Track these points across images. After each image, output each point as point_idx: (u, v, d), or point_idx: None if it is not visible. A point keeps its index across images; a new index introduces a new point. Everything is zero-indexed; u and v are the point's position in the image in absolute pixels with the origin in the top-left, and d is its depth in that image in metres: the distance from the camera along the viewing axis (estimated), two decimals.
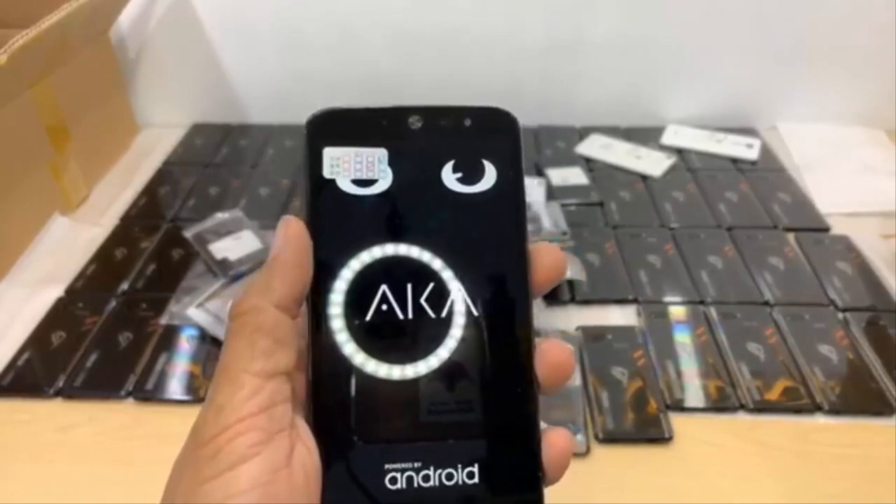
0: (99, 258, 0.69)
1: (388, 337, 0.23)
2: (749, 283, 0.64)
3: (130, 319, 0.61)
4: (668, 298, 0.63)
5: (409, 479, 0.22)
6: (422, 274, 0.24)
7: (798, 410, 0.52)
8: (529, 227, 0.64)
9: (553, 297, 0.62)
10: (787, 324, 0.59)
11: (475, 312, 0.24)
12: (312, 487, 0.21)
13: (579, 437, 0.50)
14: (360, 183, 0.24)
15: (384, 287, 0.23)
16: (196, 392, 0.54)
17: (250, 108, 0.94)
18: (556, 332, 0.58)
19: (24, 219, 0.71)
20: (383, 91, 0.90)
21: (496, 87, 0.90)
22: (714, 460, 0.50)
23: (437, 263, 0.24)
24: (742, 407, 0.53)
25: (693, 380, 0.55)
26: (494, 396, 0.23)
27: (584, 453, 0.49)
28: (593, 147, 0.86)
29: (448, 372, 0.23)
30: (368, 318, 0.23)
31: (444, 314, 0.23)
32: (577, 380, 0.54)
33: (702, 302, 0.62)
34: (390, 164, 0.24)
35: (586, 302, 0.63)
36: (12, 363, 0.57)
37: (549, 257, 0.24)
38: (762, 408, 0.52)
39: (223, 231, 0.69)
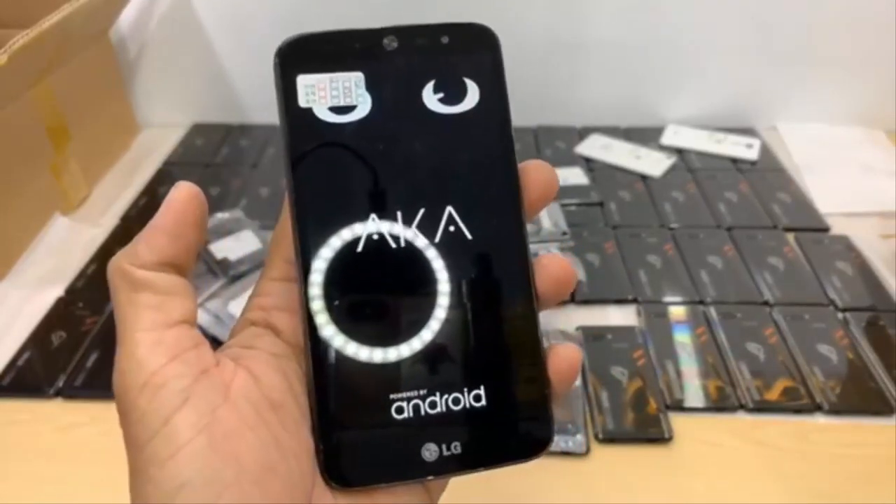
0: (99, 258, 0.69)
1: (384, 265, 0.23)
2: (749, 283, 0.64)
3: None
4: (667, 298, 0.63)
5: (416, 406, 0.22)
6: (411, 201, 0.23)
7: (798, 410, 0.52)
8: (529, 227, 0.65)
9: None
10: (786, 324, 0.59)
11: (469, 235, 0.23)
12: (267, 416, 0.20)
13: (579, 436, 0.50)
14: (338, 110, 0.23)
15: (374, 216, 0.23)
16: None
17: (251, 108, 0.94)
18: (556, 331, 0.58)
19: (24, 219, 0.71)
20: None
21: None
22: (714, 460, 0.50)
23: (426, 189, 0.23)
24: (742, 407, 0.53)
25: (693, 380, 0.55)
26: (496, 316, 0.23)
27: (584, 453, 0.49)
28: (593, 147, 0.86)
29: (448, 296, 0.23)
30: (360, 248, 0.22)
31: (437, 239, 0.23)
32: (576, 380, 0.54)
33: (701, 302, 0.62)
34: (368, 88, 0.23)
35: (586, 302, 0.63)
36: (12, 363, 0.57)
37: (540, 174, 0.24)
38: (762, 408, 0.52)
39: (223, 231, 0.69)
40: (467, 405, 0.22)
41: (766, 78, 0.88)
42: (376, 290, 0.23)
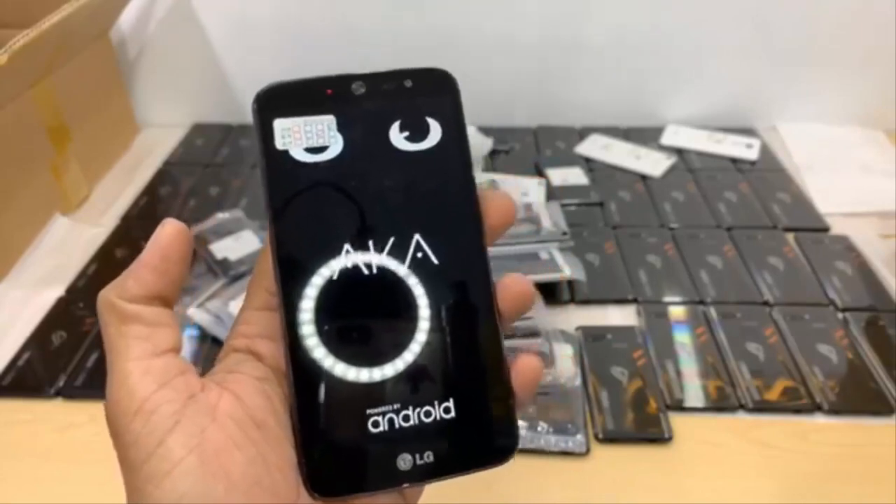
0: (100, 258, 0.69)
1: (359, 292, 0.24)
2: (749, 282, 0.64)
3: None
4: (667, 298, 0.63)
5: (391, 420, 0.23)
6: (382, 231, 0.25)
7: (797, 410, 0.53)
8: (529, 227, 0.65)
9: (553, 297, 0.62)
10: (786, 324, 0.59)
11: (435, 260, 0.25)
12: (252, 434, 0.22)
13: (579, 436, 0.50)
14: (312, 150, 0.25)
15: (347, 247, 0.24)
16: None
17: (251, 108, 0.94)
18: (556, 331, 0.58)
19: (24, 219, 0.71)
20: None
21: (496, 87, 0.90)
22: (714, 460, 0.50)
23: (393, 219, 0.25)
24: (742, 407, 0.53)
25: (693, 380, 0.55)
26: (462, 334, 0.25)
27: (584, 453, 0.49)
28: (593, 147, 0.86)
29: (418, 317, 0.24)
30: (335, 276, 0.24)
31: (407, 265, 0.25)
32: (576, 379, 0.54)
33: (701, 302, 0.62)
34: (339, 129, 0.25)
35: (586, 302, 0.63)
36: (13, 363, 0.57)
37: (498, 202, 0.26)
38: (762, 407, 0.53)
39: (223, 231, 0.69)
40: (438, 417, 0.24)
41: (766, 78, 0.89)
42: (352, 315, 0.24)
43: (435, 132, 0.26)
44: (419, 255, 0.25)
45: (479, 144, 0.79)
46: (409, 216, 0.25)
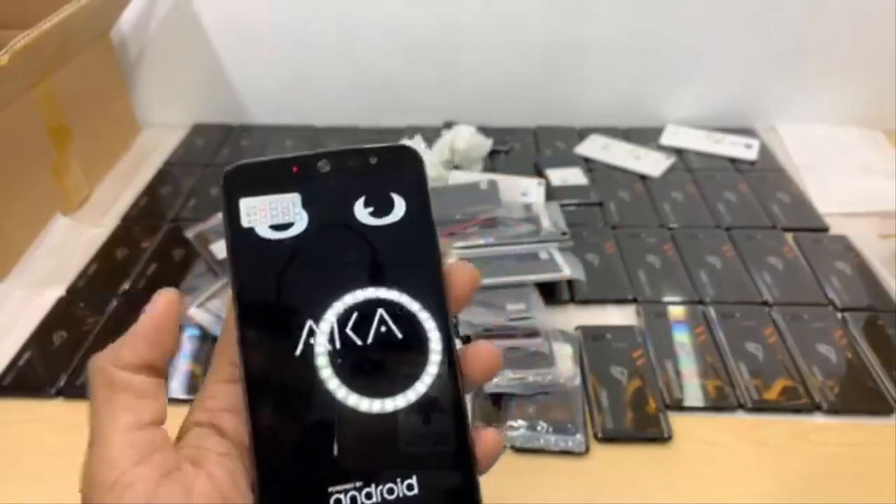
0: (100, 258, 0.69)
1: (318, 370, 0.24)
2: (748, 282, 0.64)
3: (132, 319, 0.60)
4: (667, 298, 0.63)
5: (353, 498, 0.23)
6: (345, 307, 0.25)
7: (797, 410, 0.53)
8: (529, 227, 0.65)
9: (553, 297, 0.62)
10: (785, 323, 0.59)
11: (399, 335, 0.25)
12: None
13: (578, 436, 0.50)
14: (277, 228, 0.25)
15: (310, 322, 0.25)
16: (197, 391, 0.54)
17: (251, 108, 0.94)
18: (556, 331, 0.58)
19: (25, 219, 0.71)
20: (383, 91, 0.90)
21: (496, 88, 0.90)
22: (713, 460, 0.50)
23: (357, 294, 0.25)
24: (741, 406, 0.53)
25: (692, 379, 0.55)
26: (425, 409, 0.25)
27: (584, 453, 0.50)
28: (593, 147, 0.86)
29: (379, 394, 0.24)
30: (298, 352, 0.24)
31: (370, 341, 0.25)
32: (576, 379, 0.54)
33: (701, 302, 0.62)
34: (304, 206, 0.25)
35: (586, 302, 0.63)
36: (14, 363, 0.57)
37: (463, 274, 0.26)
38: (761, 407, 0.53)
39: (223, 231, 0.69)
40: (400, 494, 0.24)
41: (765, 78, 0.89)
42: (314, 392, 0.24)
43: (399, 207, 0.26)
44: (383, 329, 0.25)
45: (479, 144, 0.79)
46: (372, 291, 0.25)
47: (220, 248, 0.67)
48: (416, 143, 0.79)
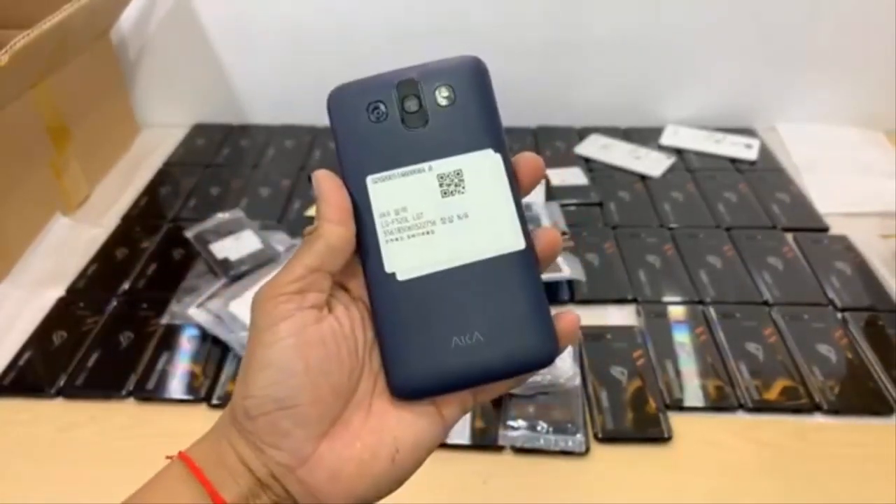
0: (100, 258, 0.69)
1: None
2: (748, 282, 0.64)
3: (131, 319, 0.61)
4: (667, 298, 0.63)
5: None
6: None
7: (797, 410, 0.53)
8: (529, 227, 0.65)
9: (553, 297, 0.62)
10: (785, 323, 0.59)
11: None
12: (339, 341, 0.28)
13: (579, 436, 0.50)
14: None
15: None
16: (197, 391, 0.55)
17: (251, 108, 0.94)
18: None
19: (25, 219, 0.71)
20: None
21: (496, 88, 0.90)
22: (713, 460, 0.50)
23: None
24: (741, 406, 0.53)
25: (692, 379, 0.55)
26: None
27: (584, 453, 0.50)
28: (593, 147, 0.86)
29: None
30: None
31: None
32: (576, 379, 0.54)
33: (701, 302, 0.62)
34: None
35: (586, 302, 0.63)
36: (13, 363, 0.57)
37: (529, 158, 0.31)
38: (761, 407, 0.53)
39: (224, 231, 0.69)
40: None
41: (765, 78, 0.89)
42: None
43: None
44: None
45: None
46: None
47: (219, 248, 0.67)
48: None
